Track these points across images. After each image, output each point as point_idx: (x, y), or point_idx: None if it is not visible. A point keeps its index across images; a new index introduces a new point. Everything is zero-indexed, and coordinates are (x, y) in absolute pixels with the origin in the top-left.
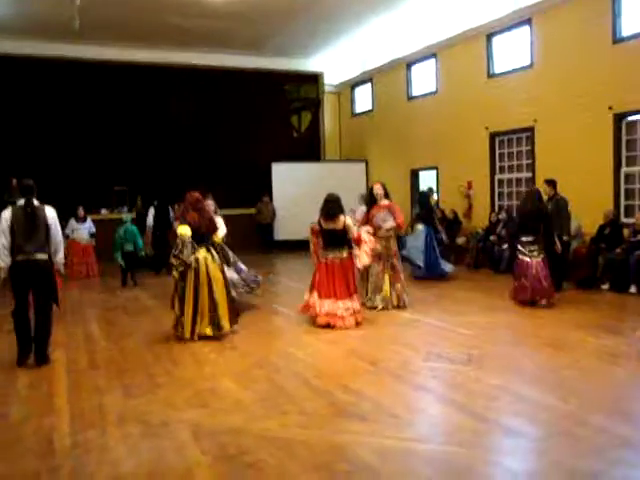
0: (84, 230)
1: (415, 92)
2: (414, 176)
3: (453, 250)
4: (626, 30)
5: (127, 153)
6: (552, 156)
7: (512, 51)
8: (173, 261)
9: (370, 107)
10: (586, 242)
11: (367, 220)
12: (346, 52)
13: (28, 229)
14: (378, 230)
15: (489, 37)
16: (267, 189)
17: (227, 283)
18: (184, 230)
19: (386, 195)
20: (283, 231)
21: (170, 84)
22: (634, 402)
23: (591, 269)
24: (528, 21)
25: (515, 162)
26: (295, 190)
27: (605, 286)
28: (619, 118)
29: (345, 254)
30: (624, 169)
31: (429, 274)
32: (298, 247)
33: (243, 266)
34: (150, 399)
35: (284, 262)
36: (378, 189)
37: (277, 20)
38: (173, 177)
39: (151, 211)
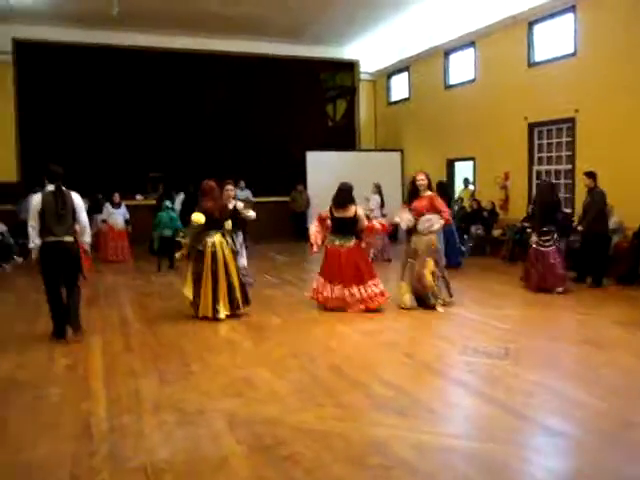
0: (119, 215)
1: (453, 81)
2: (450, 166)
3: (489, 242)
4: None
5: (163, 140)
6: (593, 148)
7: (554, 39)
8: (182, 241)
9: (406, 95)
10: (628, 237)
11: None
12: (382, 40)
13: (57, 213)
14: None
15: (530, 25)
16: (302, 177)
17: (238, 267)
18: (196, 217)
19: (429, 186)
20: None
21: (206, 71)
22: None
23: (633, 264)
24: (572, 8)
25: (554, 153)
26: (329, 179)
27: None
28: None
29: (352, 243)
30: None
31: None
32: None
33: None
34: (185, 386)
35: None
36: (422, 179)
37: (314, 7)
38: (208, 164)
39: (180, 197)
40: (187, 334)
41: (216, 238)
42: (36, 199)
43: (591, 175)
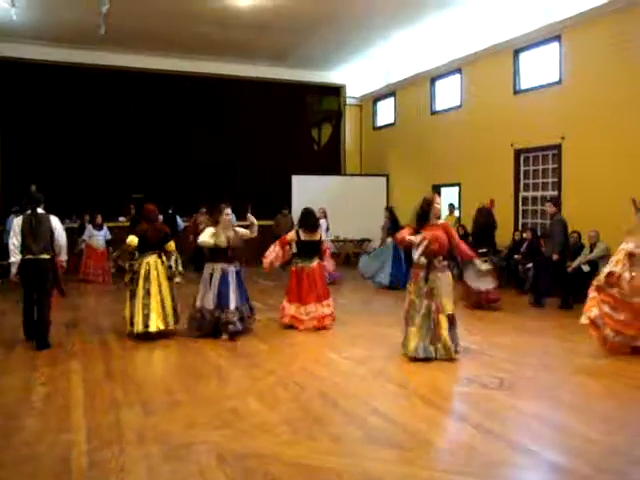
0: (100, 237)
1: (439, 107)
2: (436, 192)
3: None
4: None
5: (145, 161)
6: (579, 175)
7: (540, 67)
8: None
9: (392, 120)
10: None
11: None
12: (369, 65)
13: (34, 233)
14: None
15: (516, 52)
16: (287, 201)
17: (172, 287)
18: (130, 239)
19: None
20: None
21: (191, 93)
22: None
23: None
24: (557, 37)
25: (540, 180)
26: (314, 203)
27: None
28: None
29: (315, 263)
30: None
31: (392, 284)
32: None
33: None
34: (170, 417)
35: None
36: (438, 204)
37: (301, 32)
38: (191, 186)
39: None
40: (171, 361)
41: (151, 259)
42: (17, 220)
43: (556, 203)
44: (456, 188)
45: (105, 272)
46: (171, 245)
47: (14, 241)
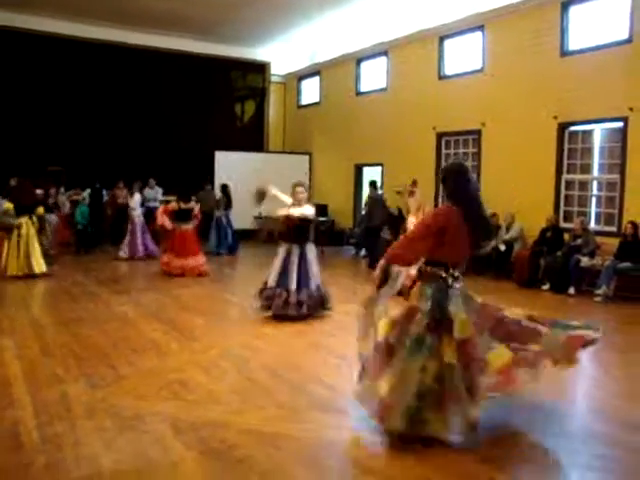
0: None
1: (364, 88)
2: (358, 171)
3: None
4: (573, 44)
5: (64, 132)
6: (497, 159)
7: (463, 54)
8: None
9: (317, 100)
10: (528, 245)
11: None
12: (295, 43)
13: None
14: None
15: (441, 39)
16: (210, 177)
17: (41, 239)
18: (7, 205)
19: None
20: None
21: (116, 64)
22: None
23: (532, 270)
24: (481, 27)
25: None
26: (238, 179)
27: (546, 287)
28: (563, 127)
29: (190, 226)
30: (565, 176)
31: (217, 250)
32: (241, 236)
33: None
34: (116, 391)
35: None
36: None
37: (229, 6)
38: (112, 160)
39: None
40: (106, 335)
41: (23, 219)
42: None
43: (373, 185)
44: (379, 168)
45: None
46: (40, 210)
47: None
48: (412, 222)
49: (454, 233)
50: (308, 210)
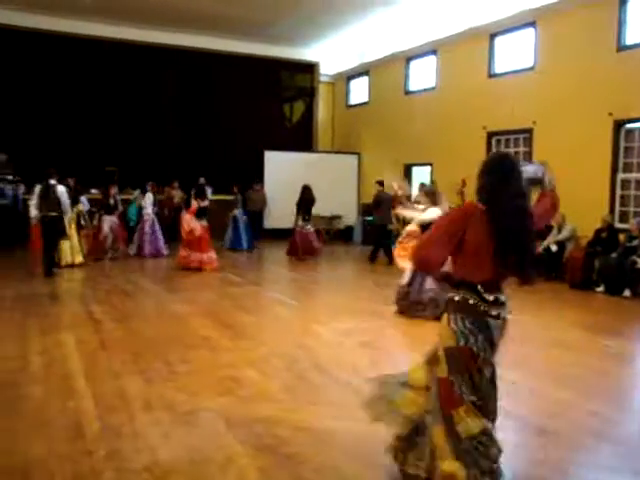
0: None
1: (413, 87)
2: (407, 171)
3: None
4: (631, 38)
5: (120, 135)
6: (549, 158)
7: (514, 52)
8: None
9: (366, 99)
10: (581, 245)
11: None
12: (344, 43)
13: (46, 197)
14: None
15: (492, 37)
16: (259, 176)
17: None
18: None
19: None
20: (273, 219)
21: (166, 66)
22: None
23: (586, 272)
24: (532, 23)
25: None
26: (286, 179)
27: (600, 289)
28: (618, 125)
29: (205, 222)
30: (620, 175)
31: (232, 247)
32: (287, 235)
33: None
34: (172, 386)
35: (274, 250)
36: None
37: (278, 7)
38: (164, 160)
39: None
40: (162, 332)
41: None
42: (36, 188)
43: (381, 183)
44: (428, 168)
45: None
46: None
47: (34, 202)
48: None
49: (475, 238)
50: (430, 214)
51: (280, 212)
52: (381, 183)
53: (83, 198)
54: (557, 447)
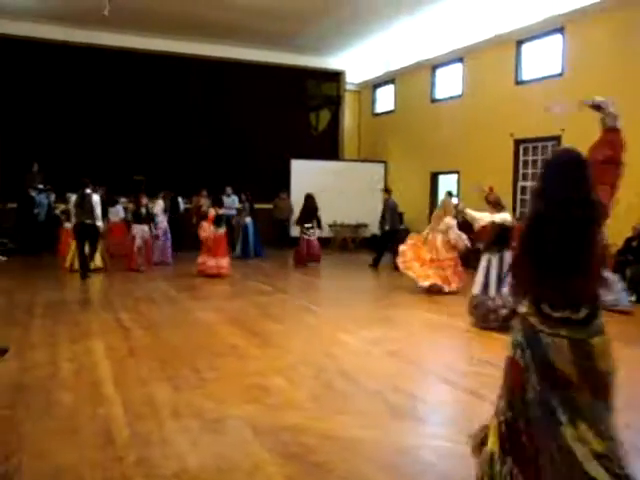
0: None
1: (439, 95)
2: (434, 179)
3: (474, 254)
4: None
5: (147, 144)
6: None
7: (542, 59)
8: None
9: (392, 107)
10: (612, 253)
11: None
12: (370, 51)
13: (82, 206)
14: None
15: (519, 43)
16: (285, 185)
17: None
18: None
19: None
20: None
21: (192, 76)
22: None
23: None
24: (561, 29)
25: (539, 170)
26: (313, 188)
27: (632, 298)
28: None
29: (224, 229)
30: None
31: (243, 256)
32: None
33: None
34: (200, 393)
35: None
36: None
37: (303, 17)
38: (190, 169)
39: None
40: (189, 339)
41: None
42: (73, 197)
43: (387, 190)
44: (455, 176)
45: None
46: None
47: (73, 210)
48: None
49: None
50: (501, 216)
51: None
52: (387, 190)
53: (119, 207)
54: None
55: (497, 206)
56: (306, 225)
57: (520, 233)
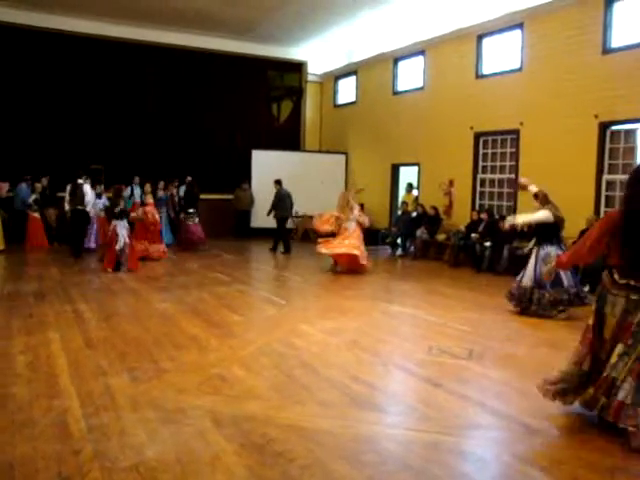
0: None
1: (401, 87)
2: (395, 171)
3: (433, 246)
4: (616, 41)
5: (104, 132)
6: (536, 159)
7: (502, 53)
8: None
9: (353, 99)
10: (567, 245)
11: None
12: (332, 43)
13: (74, 194)
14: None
15: (479, 38)
16: (246, 176)
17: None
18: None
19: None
20: (260, 219)
21: (152, 64)
22: None
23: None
24: (520, 25)
25: (498, 163)
26: (274, 178)
27: (585, 288)
28: (604, 126)
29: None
30: (606, 176)
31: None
32: (272, 234)
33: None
34: (159, 384)
35: (261, 249)
36: None
37: (266, 7)
38: (150, 158)
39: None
40: (147, 330)
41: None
42: (68, 187)
43: (278, 182)
44: (415, 168)
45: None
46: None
47: (67, 198)
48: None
49: (615, 237)
50: (539, 215)
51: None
52: (278, 182)
53: (104, 199)
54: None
55: (545, 203)
56: (189, 210)
57: (618, 225)
